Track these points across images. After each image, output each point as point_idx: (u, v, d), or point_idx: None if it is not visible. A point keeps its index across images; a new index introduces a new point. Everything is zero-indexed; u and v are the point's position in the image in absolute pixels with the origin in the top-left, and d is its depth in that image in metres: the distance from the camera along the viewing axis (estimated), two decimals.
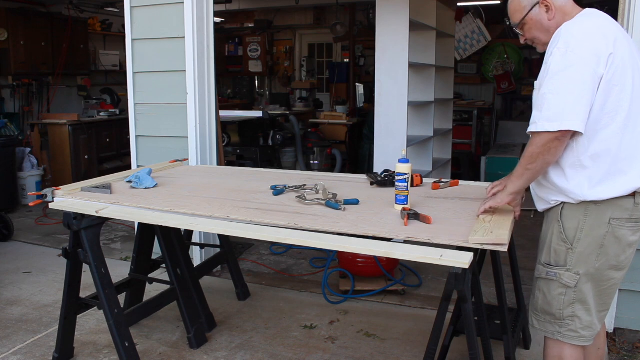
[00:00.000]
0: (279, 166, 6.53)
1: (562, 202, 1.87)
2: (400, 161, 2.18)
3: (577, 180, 1.80)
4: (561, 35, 1.77)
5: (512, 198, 1.95)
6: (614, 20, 1.87)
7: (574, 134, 1.75)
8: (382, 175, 2.62)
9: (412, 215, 2.00)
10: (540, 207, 1.98)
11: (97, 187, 2.58)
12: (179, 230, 2.93)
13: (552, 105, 1.72)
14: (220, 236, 3.51)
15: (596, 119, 1.74)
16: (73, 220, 2.40)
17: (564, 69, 1.72)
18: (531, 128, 1.78)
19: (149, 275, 3.06)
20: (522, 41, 2.02)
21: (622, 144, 1.77)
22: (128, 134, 4.03)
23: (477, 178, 6.36)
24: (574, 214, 1.84)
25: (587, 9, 1.89)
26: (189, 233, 3.42)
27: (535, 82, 1.90)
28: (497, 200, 1.98)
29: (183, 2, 3.62)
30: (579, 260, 1.84)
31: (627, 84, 1.75)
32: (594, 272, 1.84)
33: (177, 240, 2.89)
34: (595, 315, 1.90)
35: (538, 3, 1.88)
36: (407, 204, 2.15)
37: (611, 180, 1.78)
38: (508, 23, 2.03)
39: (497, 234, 1.79)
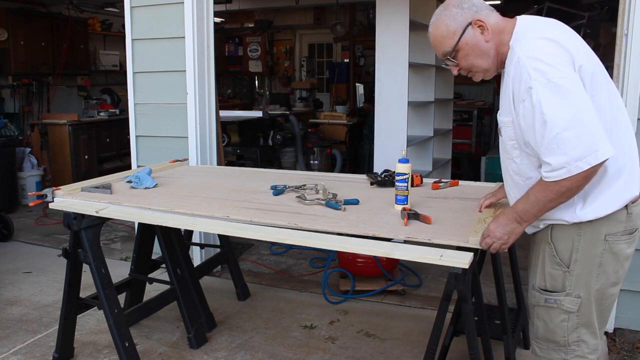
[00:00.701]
0: (279, 166, 6.53)
1: (550, 224, 1.72)
2: (400, 161, 2.18)
3: (569, 202, 1.62)
4: (523, 64, 1.55)
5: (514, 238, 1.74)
6: (559, 23, 1.70)
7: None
8: (382, 175, 2.62)
9: (412, 215, 2.00)
10: (529, 231, 1.81)
11: (97, 187, 2.58)
12: (179, 230, 2.93)
13: (575, 142, 1.48)
14: (220, 236, 3.51)
15: None
16: (73, 220, 2.40)
17: (560, 99, 1.49)
18: (562, 174, 1.51)
19: (149, 275, 3.06)
20: (455, 72, 1.80)
21: (612, 158, 1.56)
22: (128, 134, 4.03)
23: (477, 178, 6.35)
24: (566, 233, 1.69)
25: (521, 22, 1.70)
26: (189, 233, 3.42)
27: (500, 118, 1.73)
28: (511, 238, 1.73)
29: (183, 2, 3.62)
30: (578, 282, 1.70)
31: (602, 94, 1.61)
32: (595, 293, 1.71)
33: (177, 240, 2.89)
34: (599, 334, 1.79)
35: (470, 24, 1.69)
36: (407, 204, 2.15)
37: (603, 195, 1.63)
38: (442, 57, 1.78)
39: None
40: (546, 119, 1.50)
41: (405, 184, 2.15)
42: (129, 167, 4.29)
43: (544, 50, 1.55)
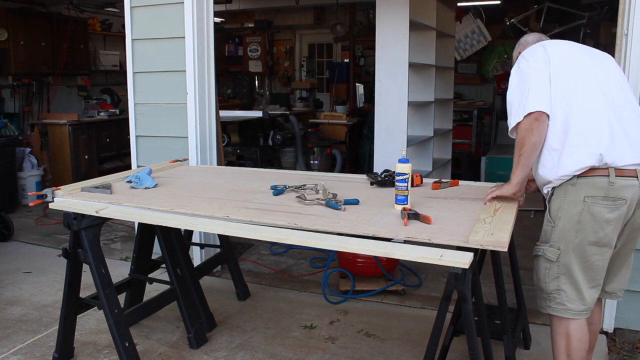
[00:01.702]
0: (279, 166, 6.53)
1: (552, 188, 2.07)
2: (400, 161, 2.18)
3: (551, 163, 2.02)
4: (518, 59, 2.18)
5: (517, 188, 2.12)
6: (572, 43, 2.20)
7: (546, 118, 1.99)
8: (382, 175, 2.62)
9: (412, 215, 2.00)
10: (544, 193, 2.16)
11: (97, 187, 2.58)
12: (179, 230, 2.93)
13: (516, 103, 2.04)
14: (220, 236, 3.51)
15: (553, 105, 2.01)
16: (73, 220, 2.40)
17: (516, 76, 2.09)
18: (511, 125, 2.07)
19: (149, 275, 3.06)
20: None
21: (573, 121, 1.98)
22: (128, 134, 4.03)
23: (477, 178, 6.36)
24: (557, 196, 2.05)
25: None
26: (189, 233, 3.42)
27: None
28: (503, 190, 2.16)
29: (183, 2, 3.62)
30: (560, 236, 2.03)
31: (569, 76, 2.04)
32: (574, 247, 2.01)
33: (177, 240, 2.89)
34: (585, 291, 2.04)
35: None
36: (407, 204, 2.15)
37: (572, 154, 1.97)
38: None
39: (497, 237, 1.79)
40: (508, 92, 2.12)
41: (405, 184, 2.15)
42: (129, 167, 4.29)
43: (531, 49, 2.17)
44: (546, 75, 2.03)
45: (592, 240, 1.98)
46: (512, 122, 2.06)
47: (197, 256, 3.86)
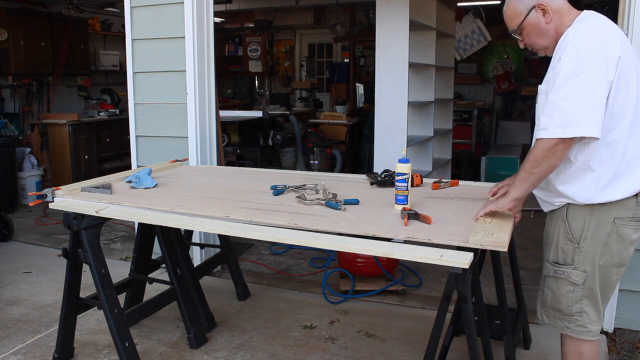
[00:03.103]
0: (279, 166, 6.53)
1: (567, 203, 1.91)
2: (400, 161, 2.18)
3: (583, 184, 1.84)
4: (569, 40, 1.78)
5: (514, 204, 1.94)
6: (614, 23, 1.88)
7: (586, 138, 1.76)
8: (382, 175, 2.62)
9: (412, 215, 2.00)
10: (545, 208, 2.03)
11: (97, 187, 2.58)
12: (179, 230, 2.93)
13: (564, 111, 1.73)
14: (220, 236, 3.51)
15: (606, 122, 1.76)
16: (73, 220, 2.40)
17: (575, 75, 1.72)
18: (542, 134, 1.78)
19: (149, 275, 3.06)
20: (521, 46, 2.04)
21: (628, 146, 1.81)
22: (128, 134, 4.03)
23: (477, 178, 6.36)
24: (579, 213, 1.88)
25: (586, 12, 1.90)
26: (189, 233, 3.42)
27: (540, 86, 1.92)
28: (498, 205, 1.96)
29: (183, 2, 3.62)
30: (586, 258, 1.89)
31: (632, 87, 1.79)
32: (598, 269, 1.90)
33: (177, 240, 2.89)
34: (602, 311, 1.97)
35: (534, 7, 1.89)
36: (407, 204, 2.15)
37: (617, 182, 1.82)
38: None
39: (497, 237, 1.79)
40: (557, 87, 1.75)
41: (405, 184, 2.15)
42: (129, 167, 4.29)
43: (589, 34, 1.77)
44: (607, 87, 1.73)
45: (616, 261, 1.90)
46: (551, 129, 1.75)
47: (197, 256, 3.86)
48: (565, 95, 1.73)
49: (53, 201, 2.48)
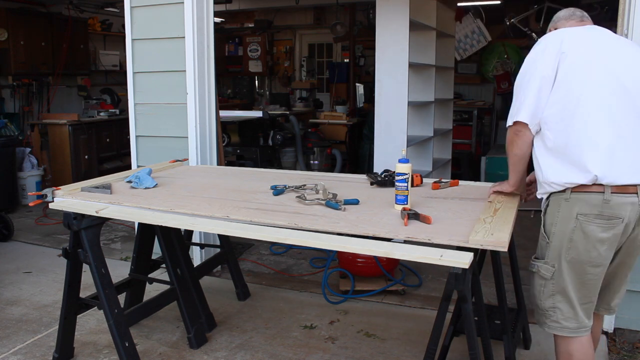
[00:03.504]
0: (279, 166, 6.53)
1: (548, 196, 2.00)
2: (400, 161, 2.18)
3: (547, 167, 1.96)
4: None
5: (515, 187, 2.19)
6: (603, 31, 2.03)
7: (531, 128, 1.96)
8: (382, 175, 2.62)
9: (412, 215, 2.00)
10: (542, 206, 2.09)
11: (97, 187, 2.58)
12: (179, 230, 2.92)
13: (513, 103, 2.01)
14: (220, 236, 3.51)
15: (551, 113, 1.91)
16: (73, 220, 2.40)
17: (521, 73, 2.02)
18: (508, 121, 2.05)
19: (149, 275, 3.06)
20: None
21: (573, 134, 1.87)
22: (128, 134, 4.03)
23: (477, 178, 6.35)
24: (551, 210, 1.97)
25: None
26: (189, 233, 3.42)
27: None
28: (503, 187, 2.23)
29: (183, 2, 3.62)
30: (554, 253, 1.96)
31: (575, 82, 1.89)
32: (567, 265, 1.93)
33: (177, 240, 2.89)
34: (579, 308, 1.97)
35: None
36: (407, 204, 2.15)
37: (568, 166, 1.89)
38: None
39: (497, 237, 1.79)
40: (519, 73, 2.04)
41: (405, 184, 2.15)
42: (129, 167, 4.29)
43: (546, 38, 2.03)
44: (550, 79, 1.90)
45: (584, 259, 1.90)
46: (509, 118, 2.04)
47: (197, 256, 3.86)
48: (519, 80, 2.03)
49: (53, 201, 2.48)
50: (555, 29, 2.11)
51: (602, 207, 1.84)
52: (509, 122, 2.02)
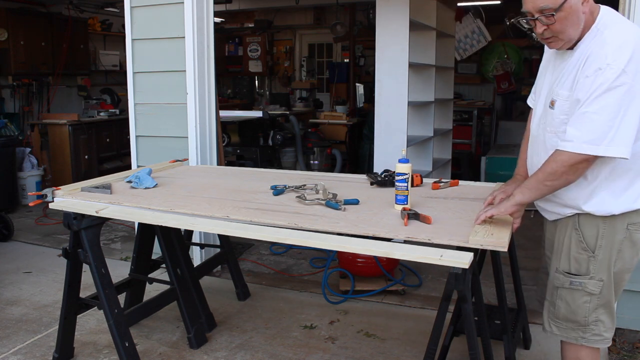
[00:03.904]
0: (279, 166, 6.53)
1: (576, 213, 1.86)
2: (400, 161, 2.18)
3: (600, 199, 1.79)
4: (607, 47, 1.64)
5: (516, 209, 1.87)
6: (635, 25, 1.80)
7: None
8: (382, 175, 2.62)
9: (412, 215, 2.00)
10: (550, 217, 1.98)
11: (97, 187, 2.58)
12: (179, 230, 2.92)
13: (595, 127, 1.63)
14: (220, 236, 3.51)
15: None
16: (73, 220, 2.40)
17: (612, 88, 1.61)
18: (567, 147, 1.69)
19: (149, 275, 3.06)
20: (539, 31, 1.75)
21: None
22: (128, 134, 4.03)
23: (477, 178, 6.35)
24: (592, 221, 1.83)
25: (605, 9, 1.77)
26: (189, 233, 3.42)
27: (562, 92, 1.78)
28: (500, 209, 1.88)
29: (183, 2, 3.62)
30: (601, 266, 1.84)
31: None
32: (613, 277, 1.86)
33: (177, 240, 2.89)
34: (615, 317, 1.92)
35: None
36: (407, 204, 2.15)
37: (632, 191, 1.78)
38: (530, 16, 1.74)
39: (497, 237, 1.79)
40: (592, 98, 1.63)
41: (405, 184, 2.15)
42: (129, 167, 4.29)
43: (631, 43, 1.62)
44: None
45: (627, 267, 1.86)
46: (577, 143, 1.66)
47: (197, 256, 3.86)
48: (598, 109, 1.63)
49: (53, 201, 2.48)
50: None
51: None
52: (587, 151, 1.65)
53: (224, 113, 5.54)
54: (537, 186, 1.80)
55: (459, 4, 6.59)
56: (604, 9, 1.76)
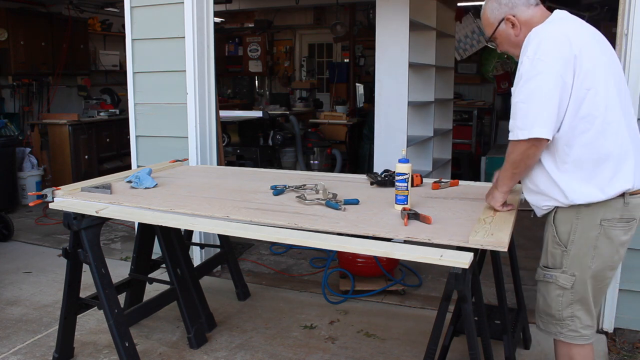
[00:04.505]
0: (279, 166, 6.53)
1: (555, 207, 1.91)
2: (400, 161, 2.18)
3: (564, 185, 1.84)
4: (530, 42, 1.81)
5: (506, 197, 2.04)
6: (585, 23, 1.89)
7: (545, 143, 1.79)
8: (382, 175, 2.62)
9: (412, 215, 2.00)
10: (538, 213, 2.03)
11: (97, 187, 2.58)
12: (179, 230, 2.92)
13: (522, 113, 1.78)
14: (220, 236, 3.51)
15: (572, 125, 1.77)
16: (73, 220, 2.40)
17: (532, 77, 1.76)
18: (510, 136, 1.84)
19: (149, 275, 3.06)
20: (499, 51, 2.09)
21: (604, 146, 1.78)
22: (128, 134, 4.03)
23: (477, 178, 6.36)
24: (566, 217, 1.88)
25: (557, 13, 1.92)
26: (189, 233, 3.42)
27: (512, 89, 1.90)
28: (496, 200, 2.04)
29: (183, 2, 3.62)
30: (574, 262, 1.89)
31: (600, 86, 1.77)
32: (591, 274, 1.88)
33: (177, 240, 2.89)
34: (594, 314, 1.95)
35: (504, 19, 1.95)
36: (407, 204, 2.15)
37: (597, 183, 1.80)
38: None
39: (497, 237, 1.79)
40: (518, 89, 1.80)
41: (405, 184, 2.15)
42: (129, 167, 4.29)
43: (549, 36, 1.79)
44: (565, 89, 1.73)
45: (608, 264, 1.88)
46: (514, 131, 1.80)
47: (197, 256, 3.86)
48: (523, 98, 1.78)
49: (53, 201, 2.48)
50: (513, 15, 1.92)
51: (623, 210, 1.83)
52: (520, 136, 1.77)
53: (224, 113, 5.54)
54: (511, 176, 1.93)
55: (459, 4, 6.59)
56: (552, 16, 1.91)
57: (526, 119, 1.76)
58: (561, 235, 1.90)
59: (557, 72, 1.73)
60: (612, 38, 3.05)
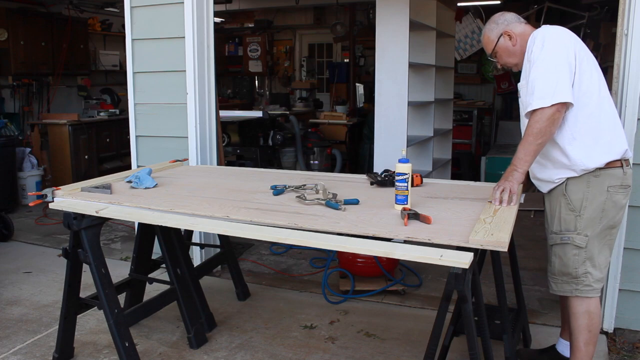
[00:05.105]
0: (279, 166, 6.53)
1: (566, 178, 2.22)
2: (400, 161, 2.18)
3: (576, 153, 2.16)
4: (536, 36, 2.17)
5: (523, 177, 2.18)
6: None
7: (565, 110, 2.09)
8: (382, 175, 2.62)
9: (412, 215, 2.00)
10: (545, 188, 2.32)
11: (97, 187, 2.58)
12: (179, 230, 2.92)
13: (541, 86, 2.07)
14: (220, 236, 3.51)
15: (577, 99, 2.10)
16: (73, 220, 2.40)
17: (544, 58, 2.10)
18: (528, 108, 2.11)
19: (149, 275, 3.06)
20: (499, 67, 2.45)
21: (602, 117, 2.16)
22: (128, 134, 4.03)
23: (477, 178, 6.36)
24: (578, 187, 2.20)
25: (546, 25, 2.27)
26: (189, 233, 3.42)
27: (519, 84, 2.29)
28: (514, 182, 2.16)
29: (183, 2, 3.62)
30: (587, 224, 2.20)
31: (593, 71, 2.16)
32: (598, 233, 2.21)
33: (177, 240, 2.89)
34: (604, 270, 2.27)
35: (502, 35, 2.33)
36: (407, 204, 2.15)
37: (602, 148, 2.15)
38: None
39: (497, 237, 1.79)
40: (531, 71, 2.13)
41: (405, 184, 2.15)
42: (129, 167, 4.29)
43: (552, 29, 2.18)
44: (571, 67, 2.09)
45: (611, 224, 2.21)
46: (536, 101, 2.07)
47: (197, 256, 3.86)
48: (537, 75, 2.09)
49: (53, 201, 2.48)
50: (510, 30, 2.29)
51: (623, 178, 2.19)
52: (544, 104, 2.04)
53: (224, 113, 5.54)
54: (533, 148, 2.11)
55: (459, 4, 6.59)
56: (543, 26, 2.25)
57: (547, 88, 2.05)
58: (575, 202, 2.20)
59: (565, 52, 2.09)
60: (612, 38, 3.07)
